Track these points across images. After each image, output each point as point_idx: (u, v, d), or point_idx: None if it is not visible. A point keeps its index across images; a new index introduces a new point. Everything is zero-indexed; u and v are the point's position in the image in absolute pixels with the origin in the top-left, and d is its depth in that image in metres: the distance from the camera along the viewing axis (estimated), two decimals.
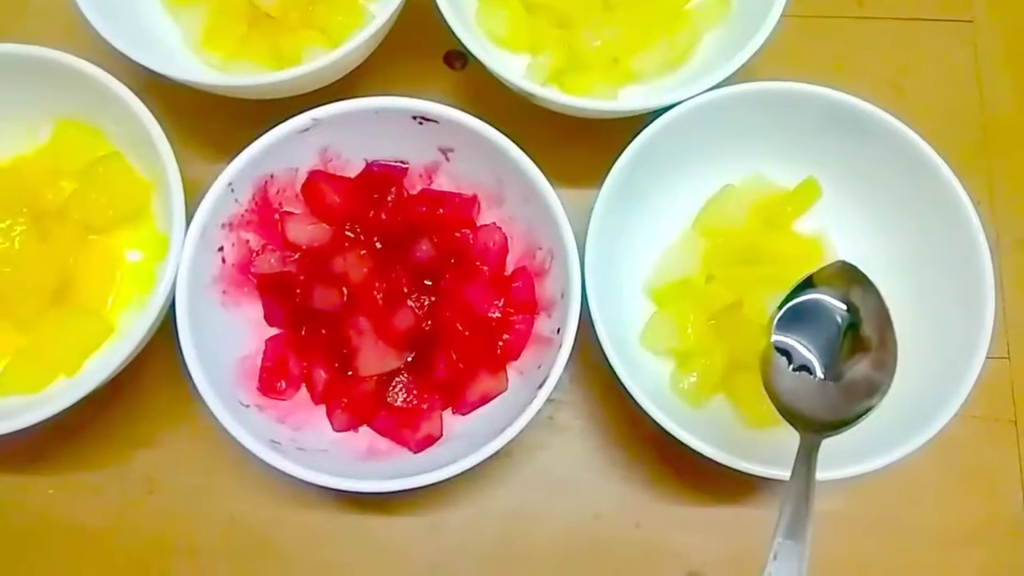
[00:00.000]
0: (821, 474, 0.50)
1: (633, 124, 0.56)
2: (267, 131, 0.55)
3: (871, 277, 0.58)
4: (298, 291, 0.57)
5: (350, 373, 0.56)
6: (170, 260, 0.52)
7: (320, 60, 0.55)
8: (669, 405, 0.56)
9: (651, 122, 0.56)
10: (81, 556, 0.58)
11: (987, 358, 0.53)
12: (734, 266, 0.58)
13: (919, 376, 0.55)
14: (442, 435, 0.56)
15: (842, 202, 0.61)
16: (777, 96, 0.57)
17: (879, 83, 0.68)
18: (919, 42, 0.70)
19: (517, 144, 0.55)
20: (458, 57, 0.68)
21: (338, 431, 0.56)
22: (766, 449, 0.54)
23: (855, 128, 0.57)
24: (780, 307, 0.49)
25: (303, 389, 0.57)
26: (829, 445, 0.54)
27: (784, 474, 0.50)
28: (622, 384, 0.52)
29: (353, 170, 0.60)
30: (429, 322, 0.57)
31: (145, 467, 0.59)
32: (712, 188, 0.62)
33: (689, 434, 0.51)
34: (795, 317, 0.49)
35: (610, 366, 0.52)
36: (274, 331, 0.58)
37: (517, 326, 0.57)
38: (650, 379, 0.58)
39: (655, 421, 0.52)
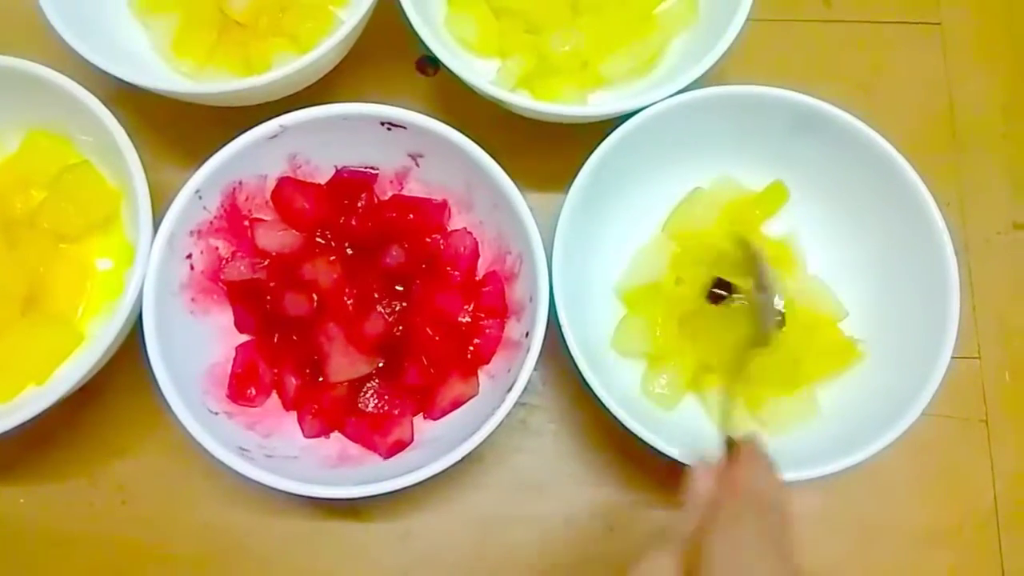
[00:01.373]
0: (792, 474, 0.50)
1: (602, 129, 0.57)
2: (235, 138, 0.54)
3: (840, 278, 0.60)
4: (268, 298, 0.57)
5: (321, 379, 0.56)
6: (137, 268, 0.52)
7: (289, 66, 0.55)
8: (640, 408, 0.57)
9: (618, 127, 0.56)
10: (53, 566, 0.58)
11: (958, 358, 0.54)
12: (703, 269, 0.59)
13: (887, 376, 0.56)
14: (413, 440, 0.56)
15: (810, 204, 0.61)
16: (744, 100, 0.57)
17: (849, 86, 0.69)
18: (888, 45, 0.71)
19: (488, 149, 0.55)
20: (430, 63, 0.68)
21: (309, 437, 0.56)
22: None
23: (822, 131, 0.58)
24: None
25: (273, 396, 0.57)
26: (798, 445, 0.54)
27: None
28: (590, 388, 0.52)
29: (323, 176, 0.60)
30: (400, 328, 0.57)
31: (116, 475, 0.59)
32: (680, 191, 0.62)
33: (658, 437, 0.51)
34: None
35: (579, 370, 0.52)
36: (244, 338, 0.58)
37: (488, 330, 0.57)
38: (621, 382, 0.58)
39: (624, 425, 0.52)
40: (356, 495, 0.50)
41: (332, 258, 0.57)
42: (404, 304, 0.57)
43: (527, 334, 0.53)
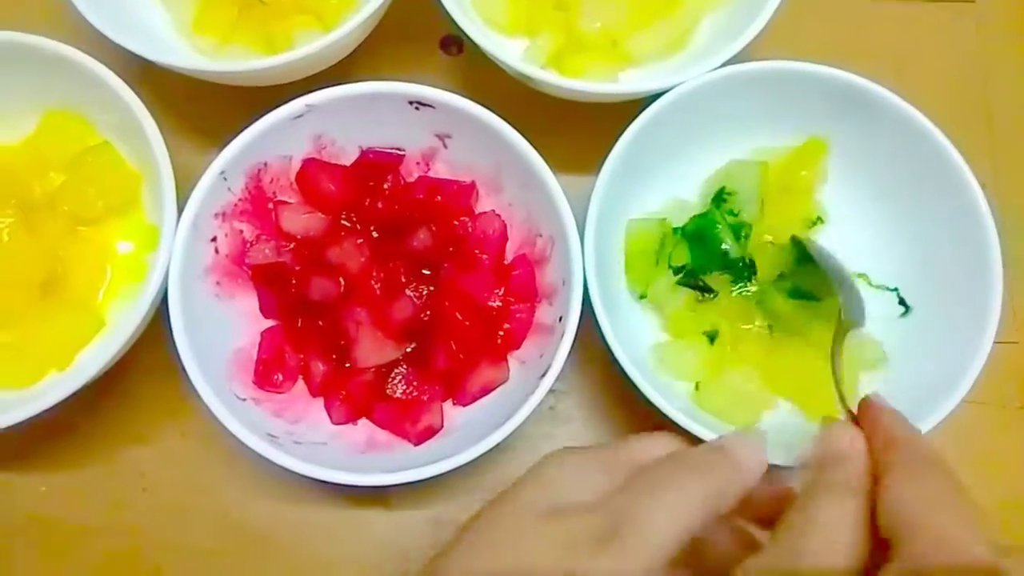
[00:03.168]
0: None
1: (633, 108, 0.55)
2: (260, 118, 0.53)
3: (877, 261, 0.59)
4: (294, 282, 0.56)
5: (348, 365, 0.55)
6: (162, 251, 0.51)
7: (312, 45, 0.54)
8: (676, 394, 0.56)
9: (650, 105, 0.55)
10: (73, 554, 0.57)
11: (995, 343, 0.52)
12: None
13: (927, 362, 0.55)
14: (443, 427, 0.55)
15: (846, 184, 0.60)
16: (780, 77, 0.56)
17: (881, 65, 0.66)
18: (921, 24, 0.69)
19: (515, 130, 0.54)
20: (454, 42, 0.66)
21: (336, 424, 0.55)
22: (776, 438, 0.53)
23: (861, 109, 0.56)
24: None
25: (300, 382, 0.56)
26: None
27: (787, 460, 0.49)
28: (626, 374, 0.51)
29: (348, 158, 0.58)
30: (428, 312, 0.56)
31: (138, 463, 0.58)
32: (713, 171, 0.60)
33: (697, 424, 0.50)
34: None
35: (613, 355, 0.51)
36: (269, 323, 0.57)
37: (518, 315, 0.56)
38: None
39: (663, 412, 0.50)
40: (388, 482, 0.49)
41: (359, 241, 0.56)
42: (432, 288, 0.56)
43: (560, 318, 0.52)
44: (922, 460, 0.38)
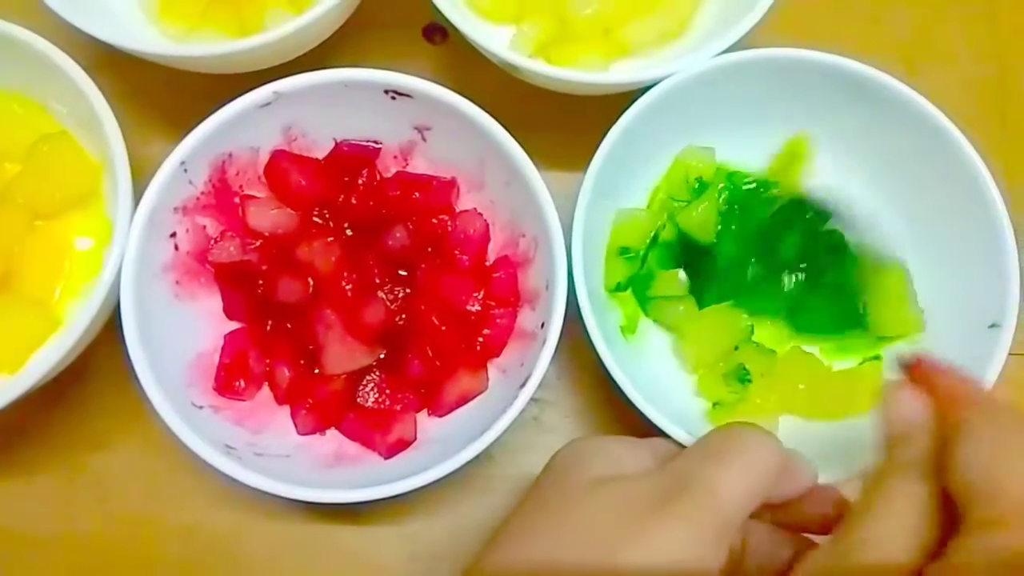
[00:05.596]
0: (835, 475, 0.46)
1: (625, 101, 0.52)
2: (224, 105, 0.50)
3: None
4: (260, 282, 0.53)
5: (316, 371, 0.52)
6: (115, 245, 0.48)
7: (282, 28, 0.50)
8: (671, 405, 0.52)
9: (642, 96, 0.51)
10: (24, 569, 0.54)
11: (1010, 355, 0.49)
12: None
13: None
14: (416, 439, 0.52)
15: (851, 181, 0.57)
16: (781, 65, 0.53)
17: (889, 57, 0.62)
18: (933, 12, 0.66)
19: (500, 123, 0.51)
20: (438, 30, 0.63)
21: (303, 434, 0.52)
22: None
23: (869, 102, 0.53)
24: None
25: (265, 389, 0.53)
26: (839, 446, 0.50)
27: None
28: (614, 381, 0.48)
29: (321, 150, 0.55)
30: (403, 316, 0.53)
31: (95, 472, 0.55)
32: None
33: (690, 435, 0.47)
34: None
35: (601, 362, 0.48)
36: (233, 325, 0.54)
37: (499, 320, 0.53)
38: (647, 374, 0.53)
39: (652, 422, 0.47)
40: (353, 499, 0.46)
41: (330, 239, 0.53)
42: (408, 290, 0.53)
43: (543, 325, 0.49)
44: (993, 413, 0.34)
